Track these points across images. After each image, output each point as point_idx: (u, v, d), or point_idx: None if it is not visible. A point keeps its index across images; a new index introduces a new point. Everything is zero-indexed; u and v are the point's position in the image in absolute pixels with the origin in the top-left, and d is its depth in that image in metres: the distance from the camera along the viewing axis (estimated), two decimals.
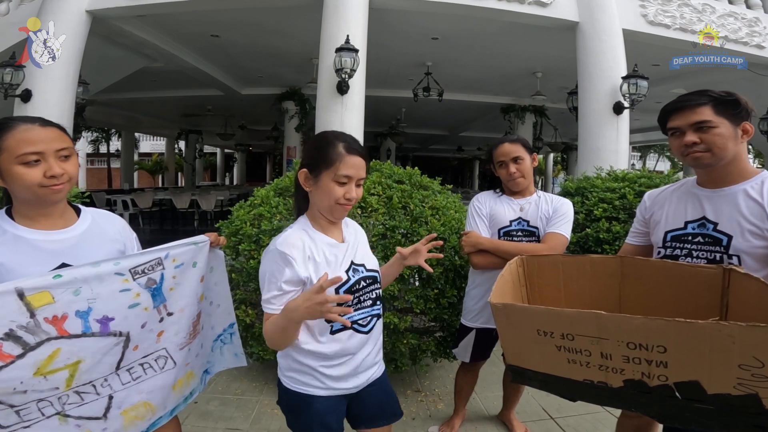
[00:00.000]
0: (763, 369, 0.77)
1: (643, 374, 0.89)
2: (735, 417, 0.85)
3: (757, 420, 0.83)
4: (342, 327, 1.15)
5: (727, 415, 0.85)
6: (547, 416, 2.28)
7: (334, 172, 1.09)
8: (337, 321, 1.03)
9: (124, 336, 1.03)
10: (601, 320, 0.88)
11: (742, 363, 0.78)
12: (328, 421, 1.21)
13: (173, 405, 1.21)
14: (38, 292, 0.90)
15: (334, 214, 1.15)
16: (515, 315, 1.07)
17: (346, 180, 1.10)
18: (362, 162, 1.12)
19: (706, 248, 1.15)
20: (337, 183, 1.10)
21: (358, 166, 1.11)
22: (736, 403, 0.82)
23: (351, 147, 1.11)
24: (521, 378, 1.15)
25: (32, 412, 0.93)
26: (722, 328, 0.75)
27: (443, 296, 2.13)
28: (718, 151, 1.10)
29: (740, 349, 0.77)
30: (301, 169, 1.15)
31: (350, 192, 1.11)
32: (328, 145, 1.11)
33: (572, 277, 1.33)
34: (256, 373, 2.65)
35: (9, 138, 0.92)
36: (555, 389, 1.10)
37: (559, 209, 1.76)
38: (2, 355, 0.86)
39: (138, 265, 1.05)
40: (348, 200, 1.11)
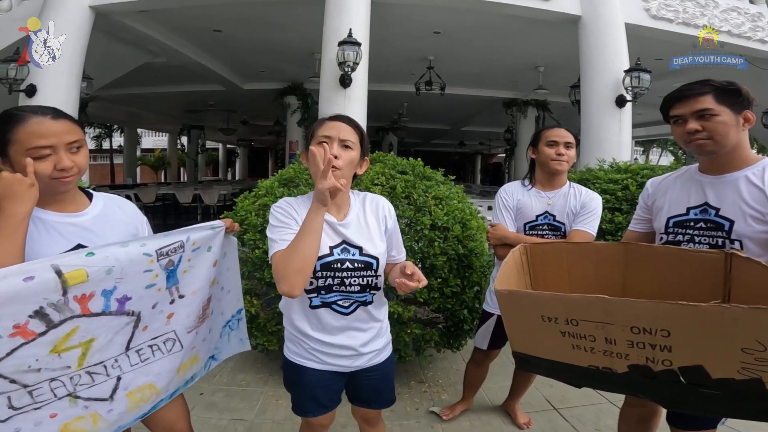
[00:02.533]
0: (766, 353, 0.77)
1: (648, 359, 0.89)
2: (741, 402, 0.85)
3: (762, 404, 0.83)
4: (320, 304, 1.19)
5: (732, 400, 0.85)
6: (550, 407, 2.29)
7: (318, 140, 1.17)
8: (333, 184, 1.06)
9: (136, 315, 1.04)
10: (605, 304, 0.88)
11: (745, 346, 0.78)
12: (317, 395, 1.26)
13: (175, 388, 1.22)
14: (75, 269, 0.90)
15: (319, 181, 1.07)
16: (520, 301, 1.07)
17: (326, 140, 1.16)
18: (343, 125, 1.19)
19: (709, 233, 1.17)
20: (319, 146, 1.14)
21: (338, 128, 1.17)
22: (740, 388, 0.82)
23: (332, 116, 1.22)
24: (527, 365, 1.15)
25: (44, 393, 0.94)
26: (725, 311, 0.76)
27: (447, 285, 2.14)
28: (719, 138, 1.12)
29: (743, 332, 0.77)
30: (302, 151, 1.29)
31: (332, 148, 1.13)
32: (315, 122, 1.24)
33: (576, 264, 1.33)
34: (260, 364, 2.68)
35: (20, 130, 0.93)
36: (560, 376, 1.10)
37: (587, 205, 1.74)
38: (26, 332, 0.87)
39: (163, 247, 1.06)
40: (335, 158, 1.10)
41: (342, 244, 1.19)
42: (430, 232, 2.12)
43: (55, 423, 0.97)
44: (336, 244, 1.18)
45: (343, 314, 1.21)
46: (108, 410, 1.05)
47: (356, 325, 1.24)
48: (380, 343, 1.31)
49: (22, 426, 0.92)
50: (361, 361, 1.27)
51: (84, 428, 1.01)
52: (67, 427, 0.98)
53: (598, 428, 2.08)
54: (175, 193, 9.94)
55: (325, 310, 1.20)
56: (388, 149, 14.65)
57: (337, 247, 1.18)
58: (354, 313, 1.22)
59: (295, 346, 1.26)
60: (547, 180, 1.82)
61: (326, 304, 1.19)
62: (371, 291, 1.23)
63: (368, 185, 2.23)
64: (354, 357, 1.25)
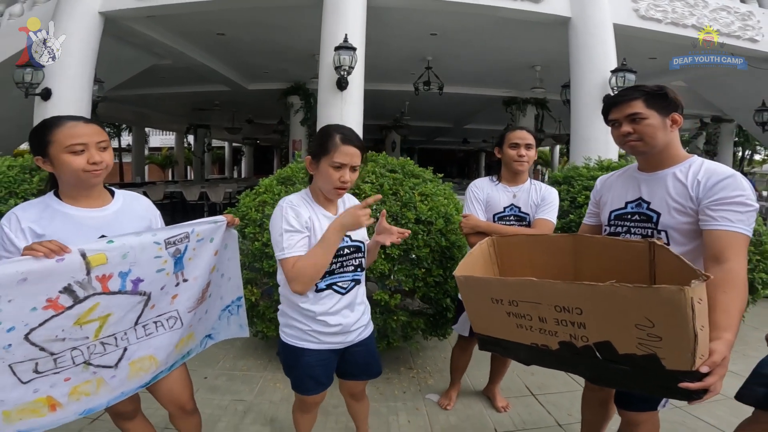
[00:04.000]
0: (654, 329, 0.86)
1: (571, 336, 1.01)
2: (645, 377, 0.94)
3: (661, 380, 0.91)
4: (324, 287, 1.38)
5: (639, 375, 0.94)
6: (528, 393, 2.44)
7: (331, 159, 1.31)
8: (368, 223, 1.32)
9: (147, 296, 1.22)
10: (534, 286, 1.02)
11: (637, 323, 0.88)
12: (317, 373, 1.44)
13: (173, 361, 1.40)
14: (97, 253, 1.09)
15: (330, 195, 1.38)
16: (474, 285, 1.21)
17: (340, 165, 1.31)
18: (356, 151, 1.34)
19: (642, 225, 1.30)
20: (332, 168, 1.32)
21: (351, 155, 1.32)
22: (642, 363, 0.91)
23: (346, 138, 1.33)
24: (486, 345, 1.28)
25: (66, 360, 1.12)
26: (616, 290, 0.86)
27: (430, 275, 2.30)
28: (648, 139, 1.24)
29: (634, 309, 0.87)
30: (307, 157, 1.40)
31: (344, 176, 1.32)
32: (327, 137, 1.34)
33: (535, 254, 1.47)
34: (260, 351, 2.86)
35: (59, 132, 1.14)
36: (512, 354, 1.23)
37: (546, 197, 1.96)
38: (57, 305, 1.05)
39: (171, 237, 1.25)
40: (343, 182, 1.33)
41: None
42: (414, 225, 2.29)
43: (68, 385, 1.15)
44: None
45: (341, 294, 1.41)
46: (111, 376, 1.22)
47: (351, 304, 1.44)
48: (365, 319, 1.52)
49: (39, 387, 1.10)
50: (351, 336, 1.46)
51: (89, 391, 1.19)
52: (76, 389, 1.17)
53: (570, 413, 2.21)
54: (182, 191, 10.16)
55: (328, 291, 1.38)
56: (392, 147, 14.76)
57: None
58: (350, 292, 1.43)
59: (292, 330, 1.42)
60: (512, 177, 2.01)
61: (329, 286, 1.39)
62: (360, 270, 1.46)
63: (359, 183, 2.39)
64: (346, 334, 1.44)
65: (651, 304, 0.85)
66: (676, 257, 1.04)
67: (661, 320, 0.86)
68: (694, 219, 1.20)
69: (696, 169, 1.23)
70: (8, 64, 5.24)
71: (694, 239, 1.22)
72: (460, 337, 2.21)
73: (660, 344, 0.88)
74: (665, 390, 0.94)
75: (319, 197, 1.41)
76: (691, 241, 1.22)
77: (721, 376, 0.91)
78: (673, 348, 0.88)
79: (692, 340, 0.85)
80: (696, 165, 1.24)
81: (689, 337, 0.85)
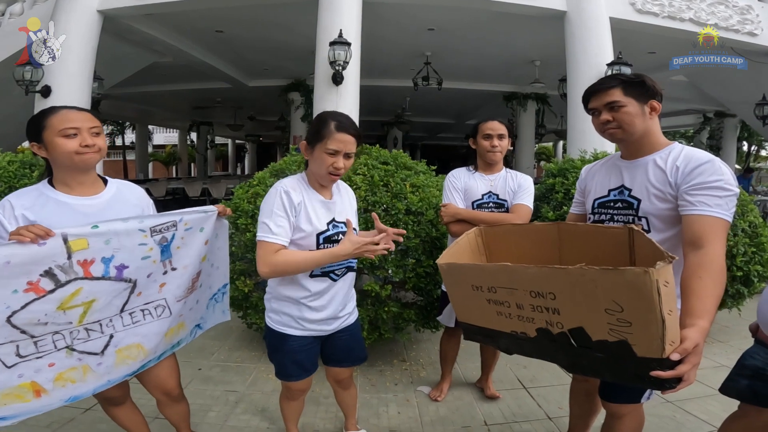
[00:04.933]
0: (623, 313, 0.84)
1: (547, 322, 0.99)
2: (618, 365, 0.92)
3: (633, 368, 0.89)
4: (320, 273, 1.39)
5: (613, 363, 0.92)
6: (520, 386, 2.44)
7: (325, 146, 1.32)
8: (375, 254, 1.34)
9: (132, 283, 1.24)
10: (509, 271, 1.01)
11: (606, 307, 0.86)
12: (300, 359, 1.45)
13: (162, 350, 1.41)
14: (78, 238, 1.11)
15: (323, 181, 1.39)
16: (456, 273, 1.20)
17: (334, 152, 1.32)
18: (350, 138, 1.34)
19: (623, 212, 1.30)
20: (326, 154, 1.32)
21: (346, 142, 1.32)
22: (614, 350, 0.89)
23: (341, 125, 1.33)
24: (470, 334, 1.26)
25: (47, 344, 1.13)
26: (585, 273, 0.85)
27: (420, 266, 2.31)
28: (627, 127, 1.24)
29: (602, 293, 0.85)
30: (302, 141, 1.41)
31: (338, 162, 1.32)
32: (323, 123, 1.34)
33: (521, 243, 1.45)
34: (255, 343, 2.88)
35: (53, 118, 1.19)
36: (494, 342, 1.21)
37: (522, 184, 2.00)
38: (38, 289, 1.07)
39: (157, 225, 1.26)
40: (336, 169, 1.33)
41: (332, 221, 1.41)
42: (405, 216, 2.30)
43: (52, 371, 1.16)
44: (330, 220, 1.41)
45: (334, 281, 1.42)
46: (98, 363, 1.23)
47: (342, 291, 1.46)
48: (351, 306, 1.54)
49: (24, 372, 1.12)
50: (336, 323, 1.48)
51: (75, 378, 1.21)
52: (61, 376, 1.18)
53: (560, 406, 2.21)
54: (184, 188, 10.24)
55: (322, 278, 1.40)
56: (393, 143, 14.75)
57: (330, 222, 1.41)
58: (342, 279, 1.45)
59: (278, 316, 1.44)
60: (487, 166, 2.04)
61: (325, 273, 1.40)
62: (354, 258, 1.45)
63: (350, 174, 2.40)
64: (332, 320, 1.46)
65: (618, 287, 0.84)
66: (649, 241, 1.03)
67: (629, 304, 0.84)
68: (673, 205, 1.19)
69: (675, 155, 1.22)
70: (9, 63, 5.28)
71: (675, 225, 1.21)
72: (446, 328, 2.22)
73: (630, 329, 0.86)
74: (638, 378, 0.91)
75: (314, 182, 1.42)
76: (672, 227, 1.22)
77: (695, 364, 0.89)
78: (643, 334, 0.86)
79: (660, 325, 0.83)
80: (675, 151, 1.23)
81: (657, 321, 0.83)
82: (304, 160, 2.72)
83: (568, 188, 2.94)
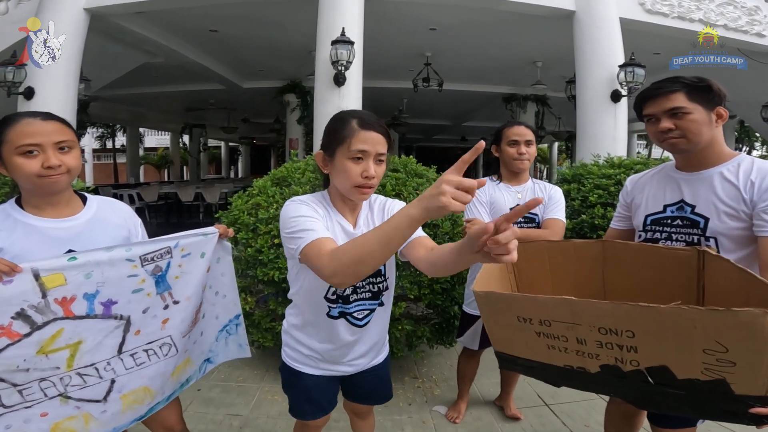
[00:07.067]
0: (727, 354, 0.76)
1: (617, 359, 0.90)
2: (707, 402, 0.85)
3: (727, 405, 0.83)
4: (338, 315, 1.15)
5: (699, 400, 0.85)
6: (542, 403, 2.31)
7: (348, 149, 1.02)
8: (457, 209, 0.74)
9: (125, 320, 1.07)
10: (572, 306, 0.88)
11: (706, 348, 0.78)
12: (315, 397, 1.27)
13: (171, 391, 1.25)
14: (53, 273, 0.94)
15: (352, 195, 1.08)
16: (496, 302, 1.07)
17: (361, 155, 1.02)
18: (379, 137, 1.04)
19: (685, 231, 1.17)
20: (351, 160, 1.02)
21: (375, 141, 1.03)
22: (705, 388, 0.82)
23: (365, 122, 1.04)
24: (508, 364, 1.15)
25: (35, 392, 0.97)
26: (683, 313, 0.75)
27: (436, 282, 2.17)
28: (692, 136, 1.11)
29: (702, 333, 0.77)
30: (318, 152, 1.11)
31: (368, 169, 1.02)
32: (342, 123, 1.05)
33: (558, 262, 1.33)
34: (257, 361, 2.71)
35: (11, 131, 0.97)
36: (539, 375, 1.10)
37: (553, 196, 1.84)
38: (11, 333, 0.91)
39: (148, 253, 1.08)
40: (367, 178, 1.03)
41: None
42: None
43: (46, 421, 1.00)
44: None
45: (357, 326, 1.17)
46: (101, 411, 1.08)
47: (366, 336, 1.21)
48: (378, 345, 1.29)
49: (12, 423, 0.96)
50: (361, 363, 1.25)
51: (75, 428, 1.04)
52: (57, 426, 1.02)
53: (587, 424, 2.09)
54: (177, 192, 10.00)
55: (341, 321, 1.15)
56: None
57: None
58: (367, 325, 1.18)
59: (293, 352, 1.24)
60: (513, 176, 1.88)
61: (343, 315, 1.15)
62: (380, 297, 1.20)
63: None
64: (354, 362, 1.24)
65: (726, 328, 0.75)
66: (737, 269, 0.93)
67: (736, 345, 0.76)
68: (747, 224, 1.06)
69: (747, 168, 1.09)
70: None
71: (746, 246, 1.09)
72: (465, 348, 2.08)
73: (732, 369, 0.79)
74: (731, 415, 0.85)
75: (337, 202, 1.13)
76: (743, 248, 1.09)
77: None
78: (746, 373, 0.79)
79: None
80: (746, 163, 1.11)
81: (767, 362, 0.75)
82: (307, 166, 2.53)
83: (585, 195, 2.82)
